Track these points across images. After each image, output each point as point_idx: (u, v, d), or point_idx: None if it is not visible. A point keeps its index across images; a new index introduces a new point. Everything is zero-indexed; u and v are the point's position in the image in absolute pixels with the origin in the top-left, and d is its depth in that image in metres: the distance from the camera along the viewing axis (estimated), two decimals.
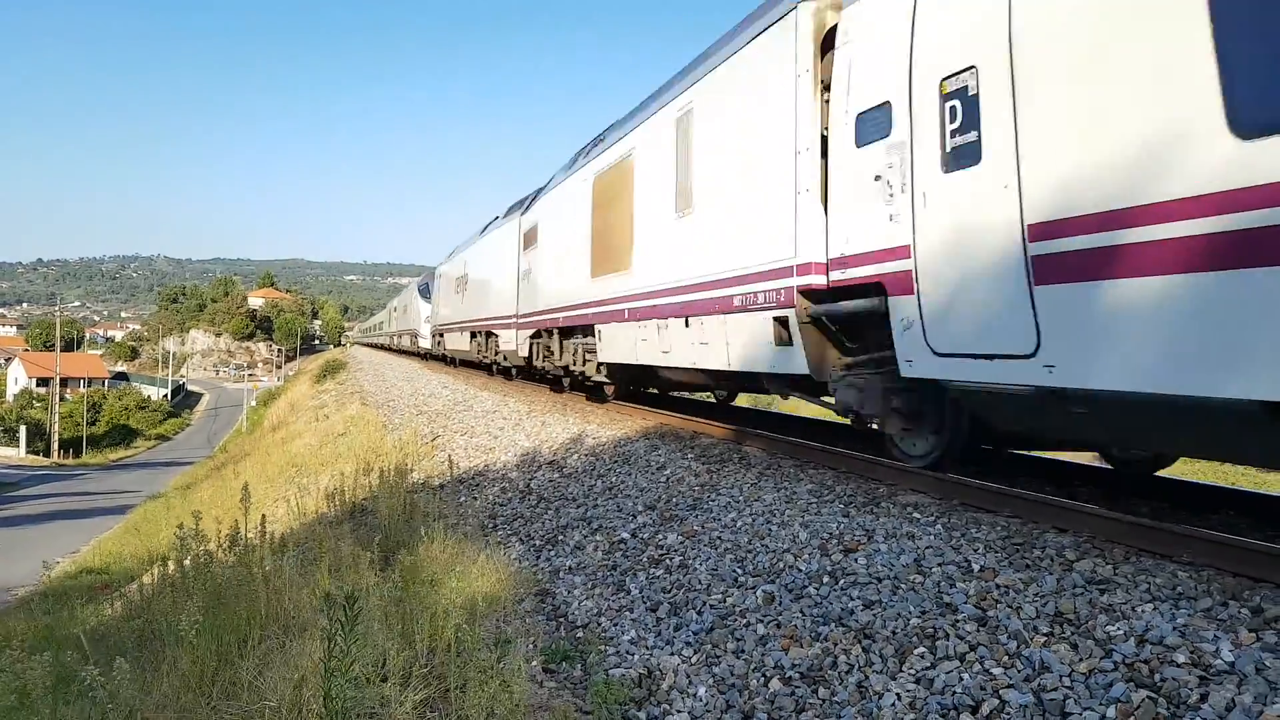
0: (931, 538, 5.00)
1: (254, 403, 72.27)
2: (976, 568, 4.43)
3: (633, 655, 4.63)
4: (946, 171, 5.55)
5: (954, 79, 5.49)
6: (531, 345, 16.84)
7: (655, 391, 15.61)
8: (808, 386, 8.14)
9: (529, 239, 17.18)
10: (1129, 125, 4.37)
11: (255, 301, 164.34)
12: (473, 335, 23.45)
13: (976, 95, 5.30)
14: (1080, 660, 3.37)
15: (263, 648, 4.75)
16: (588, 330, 13.21)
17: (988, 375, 5.40)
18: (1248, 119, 3.80)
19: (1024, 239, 4.94)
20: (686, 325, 9.46)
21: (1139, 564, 4.20)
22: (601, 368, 13.05)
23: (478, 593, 5.80)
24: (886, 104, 6.12)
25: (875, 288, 6.31)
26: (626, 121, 12.19)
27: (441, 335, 27.47)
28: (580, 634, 5.14)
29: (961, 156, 5.42)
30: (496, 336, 20.18)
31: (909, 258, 5.88)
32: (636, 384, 14.02)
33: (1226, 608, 3.57)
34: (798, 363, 7.39)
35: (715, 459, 8.24)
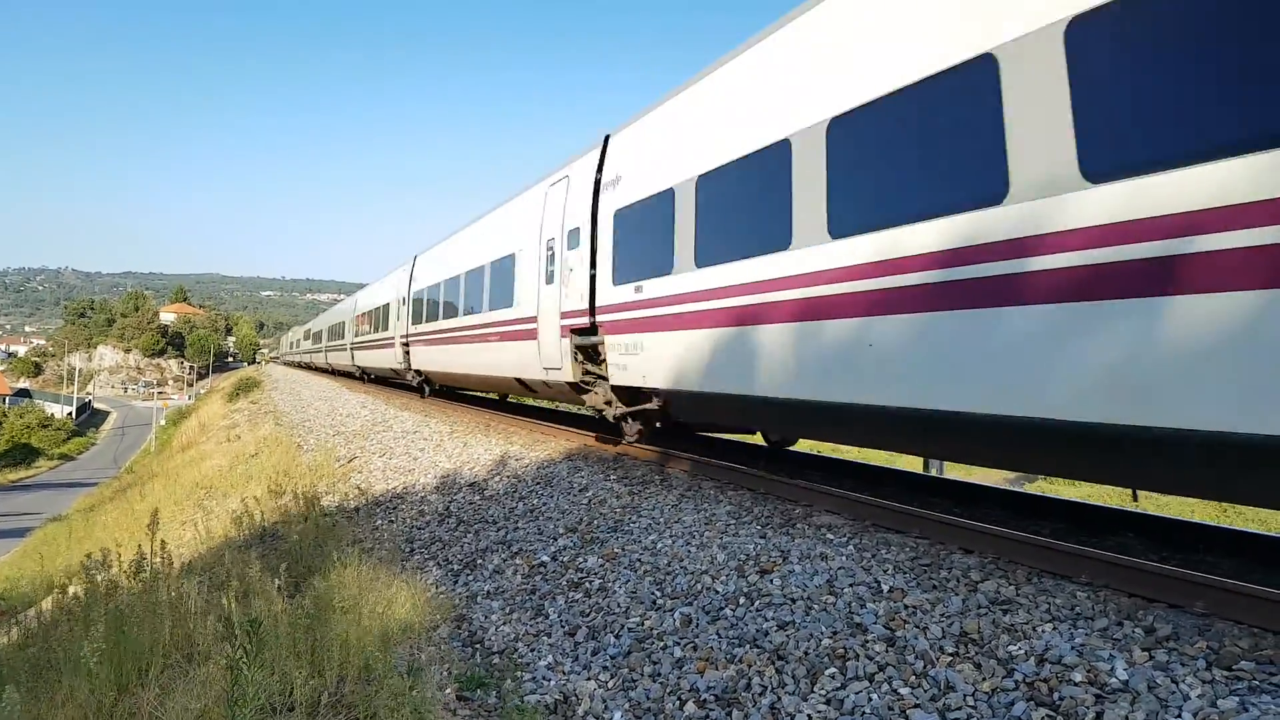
0: (844, 558, 5.09)
1: (163, 422, 69.27)
2: (886, 588, 4.53)
3: (549, 681, 4.56)
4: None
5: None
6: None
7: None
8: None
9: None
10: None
11: (167, 317, 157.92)
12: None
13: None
14: (984, 680, 3.46)
15: (165, 676, 4.54)
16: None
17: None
18: None
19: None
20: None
21: (1040, 584, 4.35)
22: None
23: (392, 619, 5.64)
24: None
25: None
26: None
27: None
28: (496, 660, 5.04)
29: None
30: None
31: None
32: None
33: (1122, 627, 3.73)
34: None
35: (638, 480, 8.24)
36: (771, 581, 4.98)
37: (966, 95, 5.04)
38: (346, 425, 18.15)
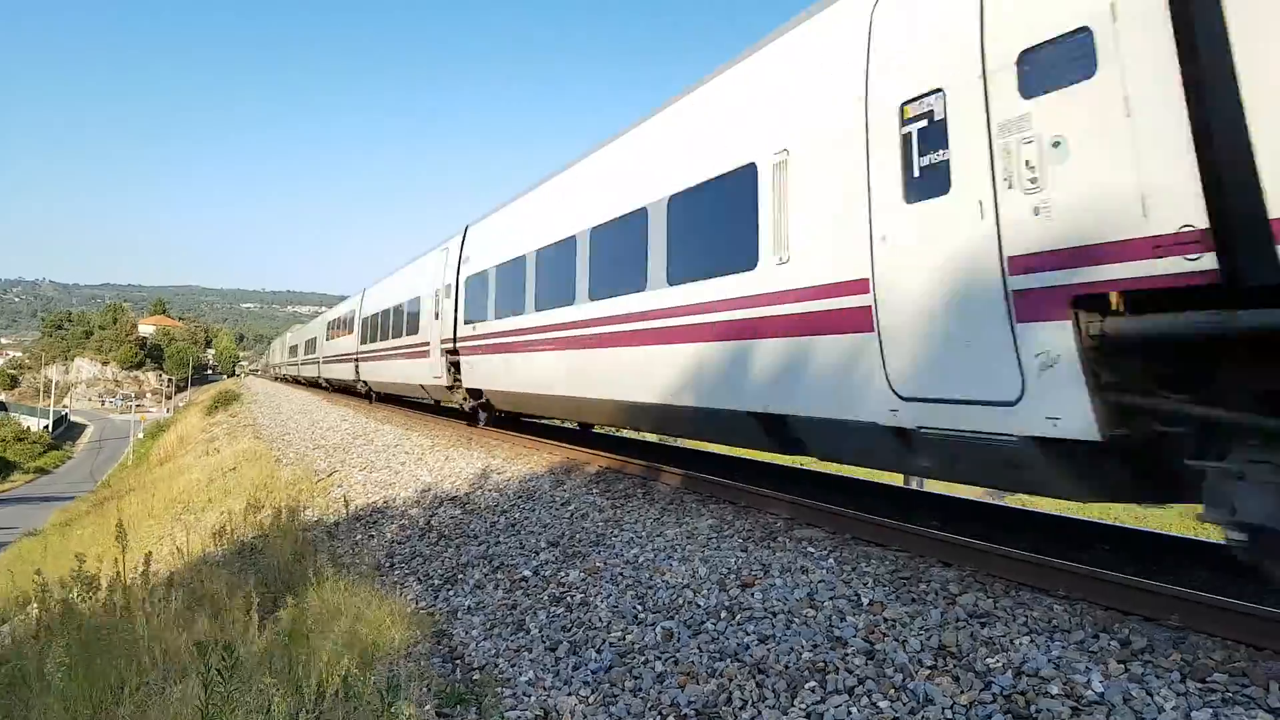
0: (824, 572, 5.11)
1: (141, 435, 68.45)
2: (866, 601, 4.55)
3: (529, 697, 4.54)
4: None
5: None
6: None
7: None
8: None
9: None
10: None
11: (146, 329, 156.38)
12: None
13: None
14: (962, 693, 3.48)
15: (140, 694, 4.48)
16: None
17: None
18: None
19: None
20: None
21: (1018, 597, 4.39)
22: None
23: (371, 636, 5.60)
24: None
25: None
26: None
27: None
28: (477, 676, 5.01)
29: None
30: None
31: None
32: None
33: (1098, 640, 3.77)
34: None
35: (620, 494, 8.24)
36: (753, 595, 4.99)
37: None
38: (327, 439, 18.03)
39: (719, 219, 7.41)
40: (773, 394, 6.58)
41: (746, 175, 6.92)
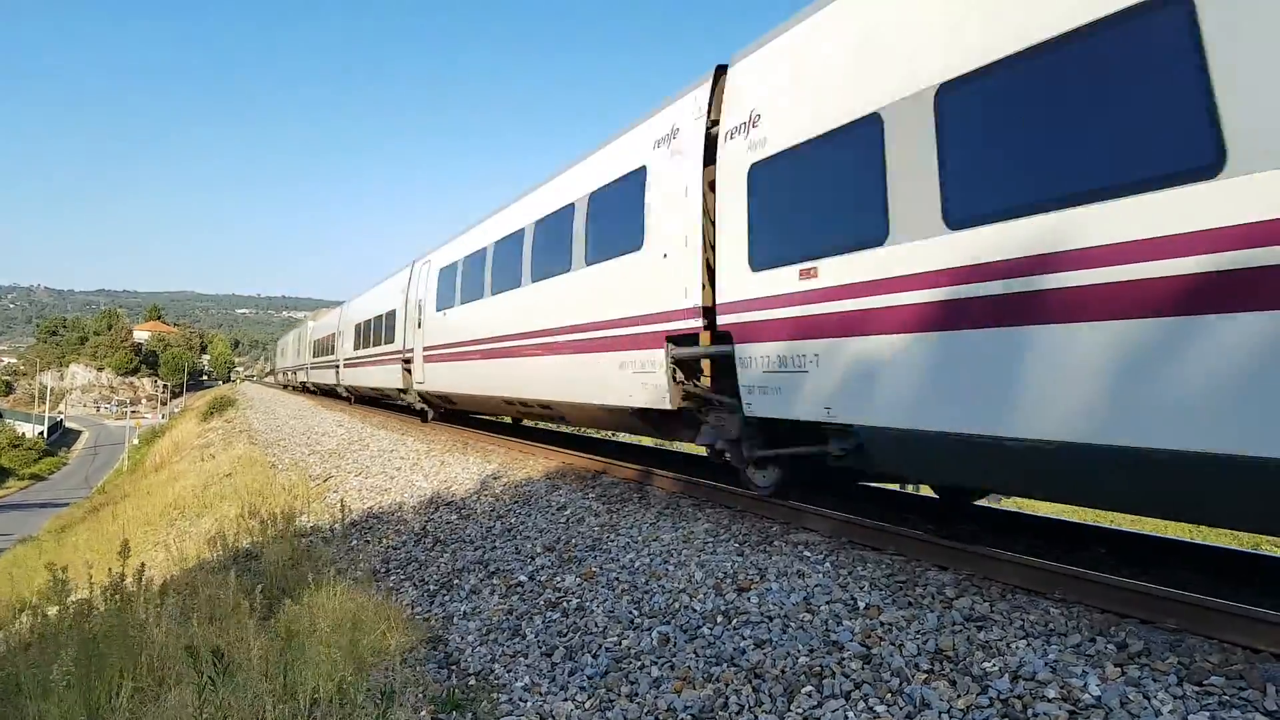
0: (821, 576, 5.10)
1: (136, 441, 68.24)
2: (862, 605, 4.54)
3: (525, 703, 4.52)
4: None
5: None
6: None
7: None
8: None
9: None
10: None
11: (141, 335, 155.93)
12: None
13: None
14: (959, 697, 3.47)
15: (135, 700, 4.46)
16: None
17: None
18: None
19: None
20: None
21: (1014, 601, 4.38)
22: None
23: (366, 641, 5.58)
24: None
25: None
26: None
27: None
28: (473, 682, 4.99)
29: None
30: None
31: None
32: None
33: (1094, 643, 3.76)
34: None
35: (616, 499, 8.22)
36: (749, 599, 4.98)
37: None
38: (322, 444, 17.98)
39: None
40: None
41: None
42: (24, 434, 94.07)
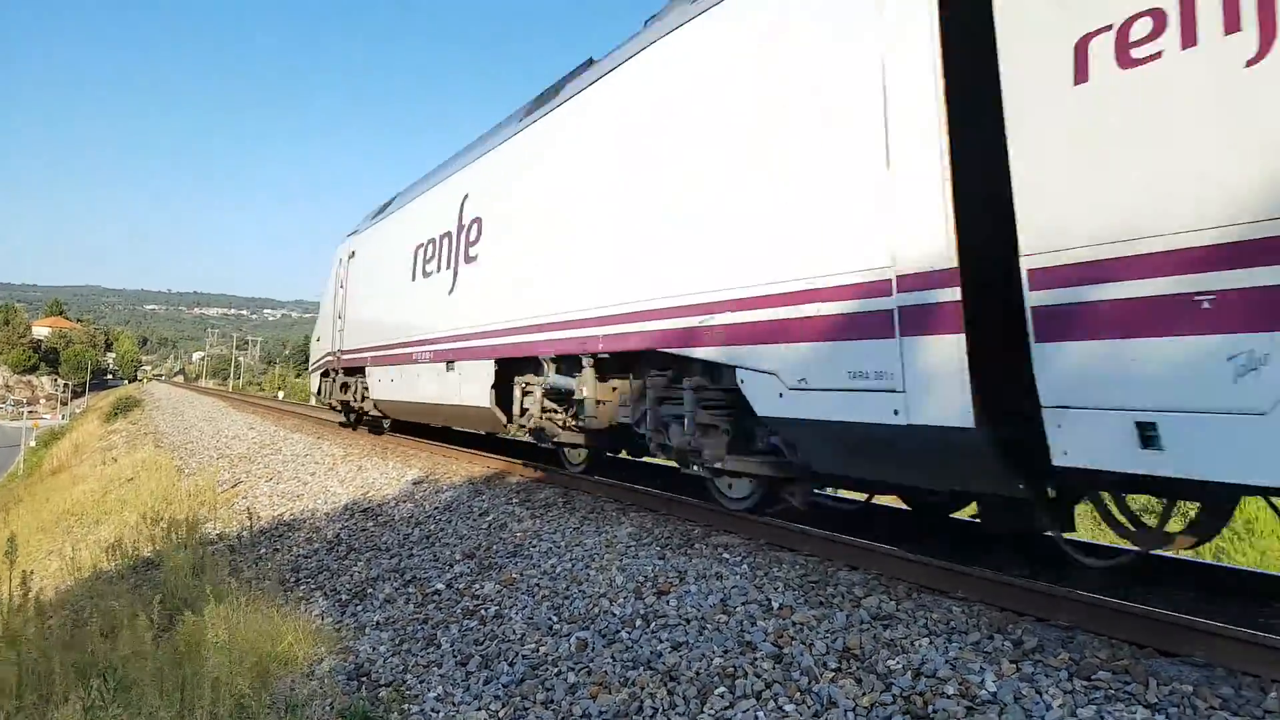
0: (738, 577, 5.17)
1: (33, 443, 64.63)
2: (776, 606, 4.61)
3: (437, 713, 4.45)
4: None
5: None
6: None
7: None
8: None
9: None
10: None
11: (40, 331, 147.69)
12: None
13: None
14: (864, 695, 3.56)
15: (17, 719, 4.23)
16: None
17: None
18: None
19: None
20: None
21: (919, 600, 4.52)
22: None
23: (271, 653, 5.41)
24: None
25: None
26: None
27: None
28: (383, 693, 4.88)
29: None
30: None
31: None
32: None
33: (992, 640, 3.90)
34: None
35: (540, 504, 8.16)
36: (668, 603, 5.01)
37: None
38: (232, 448, 17.37)
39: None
40: None
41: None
42: None
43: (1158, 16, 3.43)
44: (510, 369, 9.42)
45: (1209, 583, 5.12)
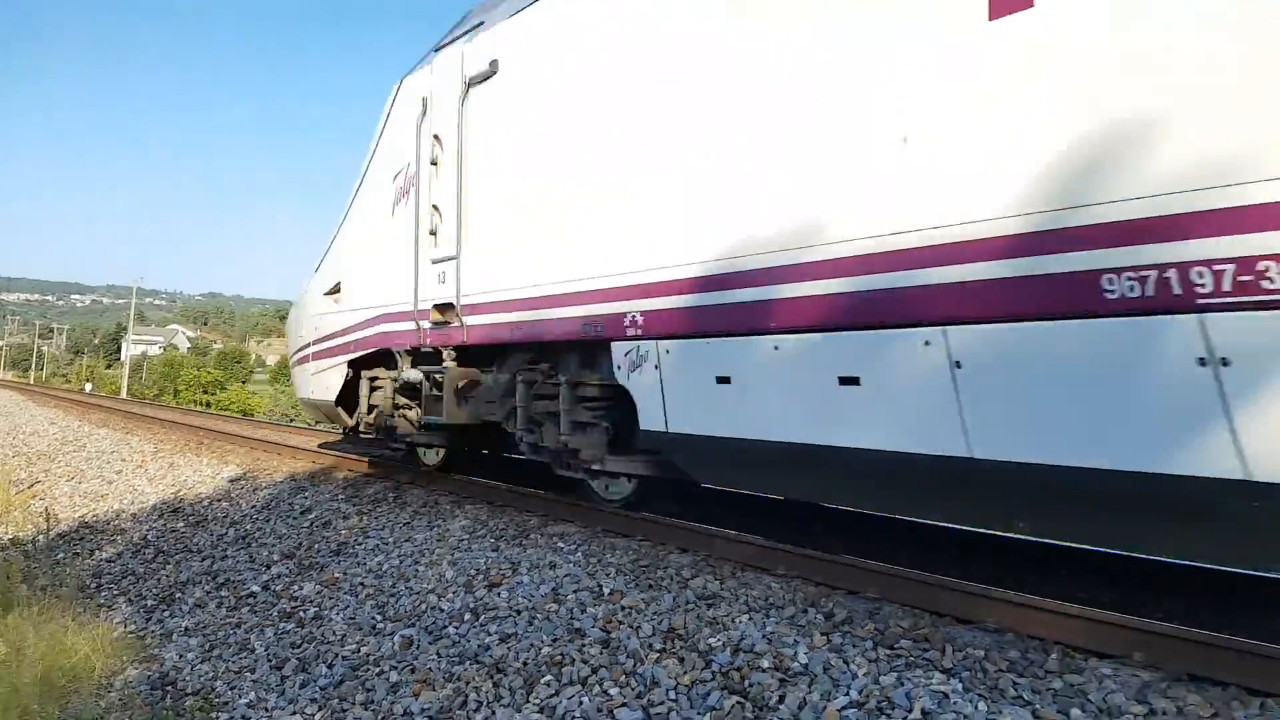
0: (571, 565, 5.16)
1: None
2: (607, 591, 4.64)
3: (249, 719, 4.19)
4: None
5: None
6: None
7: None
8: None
9: None
10: None
11: None
12: None
13: None
14: (685, 673, 3.63)
15: None
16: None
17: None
18: None
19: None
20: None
21: (742, 578, 4.67)
22: None
23: (66, 664, 4.94)
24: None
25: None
26: None
27: None
28: (190, 702, 4.55)
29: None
30: None
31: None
32: None
33: (806, 614, 4.08)
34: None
35: (369, 499, 7.85)
36: (499, 595, 4.94)
37: None
38: (30, 445, 15.74)
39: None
40: None
41: None
42: None
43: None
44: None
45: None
